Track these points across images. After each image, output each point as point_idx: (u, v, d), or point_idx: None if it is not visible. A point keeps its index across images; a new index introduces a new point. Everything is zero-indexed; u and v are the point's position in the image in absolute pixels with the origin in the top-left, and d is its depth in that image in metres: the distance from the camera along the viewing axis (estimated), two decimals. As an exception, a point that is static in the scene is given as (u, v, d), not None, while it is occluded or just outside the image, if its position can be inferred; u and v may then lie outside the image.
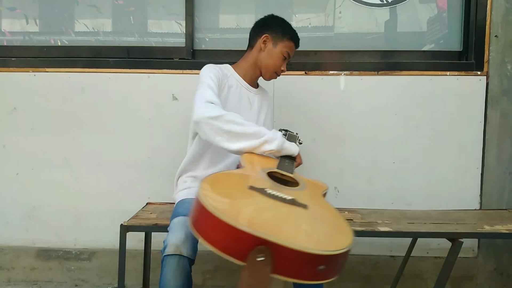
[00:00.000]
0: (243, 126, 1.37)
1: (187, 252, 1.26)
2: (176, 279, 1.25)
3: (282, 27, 1.66)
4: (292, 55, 1.68)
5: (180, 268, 1.26)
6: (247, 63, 1.70)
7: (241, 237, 0.85)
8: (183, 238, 1.28)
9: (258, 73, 1.71)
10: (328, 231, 1.02)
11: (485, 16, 2.11)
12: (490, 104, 2.11)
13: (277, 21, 1.70)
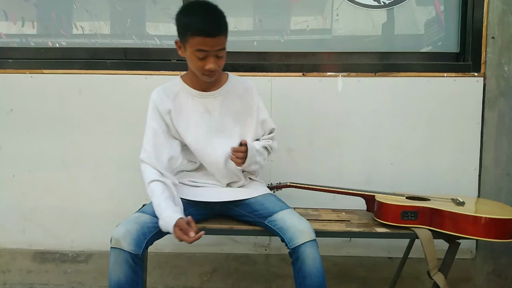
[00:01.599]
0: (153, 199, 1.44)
1: (127, 247, 1.33)
2: (117, 270, 1.34)
3: (183, 25, 1.47)
4: (214, 48, 1.45)
5: (121, 262, 1.34)
6: (189, 71, 1.63)
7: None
8: (123, 232, 1.35)
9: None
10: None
11: (481, 18, 2.11)
12: (487, 105, 2.12)
13: (179, 19, 1.50)
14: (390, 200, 1.60)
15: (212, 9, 1.46)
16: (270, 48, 2.25)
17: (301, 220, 1.44)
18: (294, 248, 1.37)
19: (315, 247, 1.38)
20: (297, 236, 1.38)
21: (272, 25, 2.26)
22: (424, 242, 1.50)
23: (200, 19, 1.41)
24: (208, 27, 1.41)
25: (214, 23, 1.43)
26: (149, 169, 1.48)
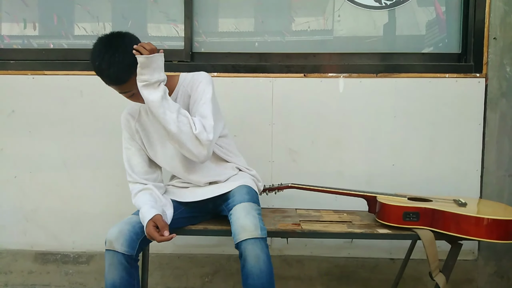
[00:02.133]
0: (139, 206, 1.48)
1: (120, 248, 1.35)
2: (112, 272, 1.36)
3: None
4: (117, 90, 1.45)
5: (115, 263, 1.35)
6: None
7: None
8: (116, 234, 1.37)
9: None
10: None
11: (483, 18, 2.11)
12: (489, 106, 2.11)
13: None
14: (392, 201, 1.60)
15: (105, 56, 1.35)
16: (271, 49, 2.25)
17: (247, 216, 1.36)
18: (236, 244, 1.33)
19: (258, 246, 1.30)
20: (239, 232, 1.33)
21: (273, 26, 2.27)
22: (426, 243, 1.50)
23: (92, 64, 1.39)
24: (100, 75, 1.40)
25: (104, 73, 1.38)
26: (132, 186, 1.56)
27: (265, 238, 1.33)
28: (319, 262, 2.18)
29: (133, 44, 1.37)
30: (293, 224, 1.65)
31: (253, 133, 2.16)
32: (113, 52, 1.34)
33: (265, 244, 1.33)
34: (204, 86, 1.51)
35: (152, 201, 1.46)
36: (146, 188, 1.53)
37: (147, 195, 1.50)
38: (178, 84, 1.57)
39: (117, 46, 1.36)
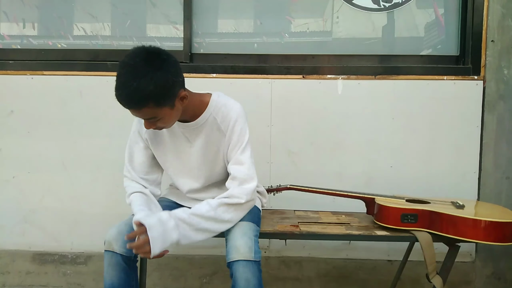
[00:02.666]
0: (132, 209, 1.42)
1: (119, 249, 1.34)
2: (110, 273, 1.35)
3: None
4: (139, 116, 1.30)
5: (114, 264, 1.35)
6: None
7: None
8: (115, 234, 1.36)
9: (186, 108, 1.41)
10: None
11: (481, 21, 2.12)
12: (487, 108, 2.12)
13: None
14: (390, 203, 1.60)
15: (127, 81, 1.19)
16: (270, 51, 2.26)
17: (243, 237, 1.32)
18: (228, 263, 1.30)
19: (250, 269, 1.26)
20: (231, 252, 1.30)
21: (272, 27, 2.27)
22: (424, 245, 1.51)
23: (115, 87, 1.23)
24: (118, 100, 1.24)
25: (124, 98, 1.22)
26: (129, 182, 1.49)
27: (258, 261, 1.30)
28: (317, 263, 2.18)
29: (163, 79, 1.23)
30: (292, 225, 1.65)
31: (251, 134, 2.16)
32: (134, 77, 1.19)
33: (258, 268, 1.29)
34: (241, 125, 1.42)
35: (146, 207, 1.39)
36: (142, 191, 1.46)
37: (142, 199, 1.43)
38: (208, 109, 1.43)
39: (143, 74, 1.20)
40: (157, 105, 1.24)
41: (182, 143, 1.48)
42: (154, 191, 1.52)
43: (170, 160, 1.51)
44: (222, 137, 1.44)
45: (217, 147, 1.46)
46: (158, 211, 1.40)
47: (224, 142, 1.44)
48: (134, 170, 1.49)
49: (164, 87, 1.23)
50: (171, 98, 1.28)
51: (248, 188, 1.37)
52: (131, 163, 1.50)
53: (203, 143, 1.46)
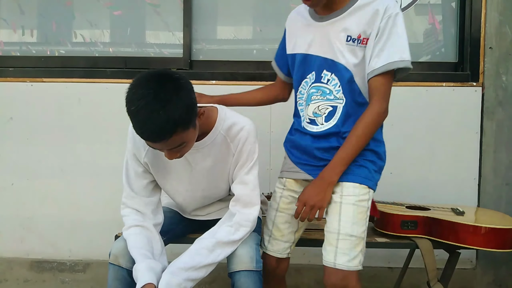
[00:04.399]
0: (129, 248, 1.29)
1: (126, 264, 1.28)
2: (115, 286, 1.29)
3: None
4: (163, 148, 1.18)
5: (120, 278, 1.29)
6: None
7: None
8: (121, 249, 1.29)
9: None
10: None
11: (479, 28, 2.13)
12: (486, 114, 2.13)
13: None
14: (390, 209, 1.60)
15: (152, 111, 1.08)
16: (269, 57, 2.25)
17: (244, 246, 1.29)
18: (229, 273, 1.29)
19: (252, 279, 1.25)
20: (233, 262, 1.28)
21: (272, 34, 2.28)
22: (424, 252, 1.50)
23: (137, 124, 1.11)
24: (145, 136, 1.13)
25: (156, 132, 1.10)
26: (128, 212, 1.35)
27: (259, 271, 1.28)
28: (317, 271, 2.17)
29: (187, 99, 1.15)
30: (291, 232, 1.64)
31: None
32: (159, 105, 1.08)
33: (259, 277, 1.28)
34: (252, 144, 1.34)
35: (148, 251, 1.27)
36: (143, 226, 1.32)
37: (143, 237, 1.29)
38: (216, 127, 1.33)
39: (166, 100, 1.09)
40: (185, 128, 1.14)
41: (182, 167, 1.37)
42: (156, 219, 1.38)
43: (171, 183, 1.41)
44: (230, 156, 1.35)
45: (223, 167, 1.38)
46: (159, 254, 1.32)
47: (231, 161, 1.36)
48: (137, 194, 1.35)
49: (189, 106, 1.15)
50: (195, 117, 1.20)
51: (251, 214, 1.33)
52: (132, 189, 1.36)
53: (209, 164, 1.36)
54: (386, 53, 1.23)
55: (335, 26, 1.29)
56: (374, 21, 1.24)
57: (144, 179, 1.37)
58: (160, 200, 1.44)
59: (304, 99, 1.39)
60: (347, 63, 1.29)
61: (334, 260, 1.27)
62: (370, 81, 1.27)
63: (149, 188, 1.39)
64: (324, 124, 1.35)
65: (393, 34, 1.24)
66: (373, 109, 1.26)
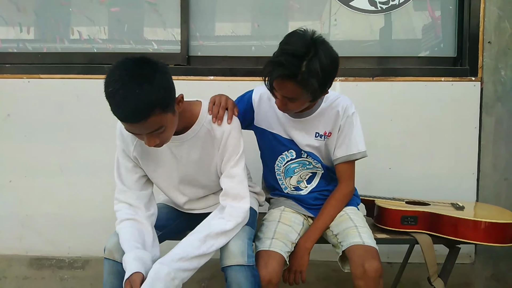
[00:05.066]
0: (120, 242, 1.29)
1: (120, 258, 1.27)
2: (111, 282, 1.30)
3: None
4: (142, 131, 1.19)
5: (115, 273, 1.29)
6: None
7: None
8: (116, 243, 1.30)
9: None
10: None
11: (478, 23, 2.12)
12: (485, 109, 2.12)
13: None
14: (390, 205, 1.60)
15: (128, 91, 1.10)
16: (268, 53, 2.24)
17: (236, 241, 1.29)
18: (222, 268, 1.28)
19: (243, 274, 1.24)
20: (224, 256, 1.28)
21: (270, 31, 2.27)
22: (424, 247, 1.50)
23: (114, 105, 1.13)
24: (123, 115, 1.14)
25: (131, 111, 1.11)
26: (121, 206, 1.37)
27: (251, 265, 1.28)
28: (316, 267, 2.17)
29: (165, 81, 1.18)
30: (291, 228, 1.64)
31: (249, 136, 2.16)
32: (136, 84, 1.10)
33: (251, 272, 1.27)
34: (236, 138, 1.36)
35: (138, 243, 1.26)
36: (134, 219, 1.33)
37: (134, 229, 1.30)
38: (199, 121, 1.36)
39: (143, 79, 1.12)
40: (163, 110, 1.16)
41: (169, 160, 1.39)
42: (148, 211, 1.38)
43: (161, 176, 1.43)
44: (216, 150, 1.38)
45: (210, 160, 1.40)
46: (150, 245, 1.31)
47: (217, 154, 1.38)
48: (129, 189, 1.37)
49: (167, 89, 1.19)
50: (173, 101, 1.23)
51: (242, 208, 1.34)
52: (124, 184, 1.38)
53: (195, 157, 1.38)
54: (345, 146, 1.51)
55: (306, 124, 1.53)
56: (336, 120, 1.50)
57: (135, 173, 1.40)
58: (152, 193, 1.45)
59: (282, 172, 1.61)
60: (314, 151, 1.55)
61: (361, 240, 1.38)
62: (336, 166, 1.55)
63: (141, 182, 1.41)
64: (307, 187, 1.62)
65: (351, 130, 1.51)
66: (342, 190, 1.55)
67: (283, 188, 1.64)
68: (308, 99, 1.38)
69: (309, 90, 1.31)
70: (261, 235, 1.50)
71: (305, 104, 1.42)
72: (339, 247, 1.44)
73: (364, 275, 1.30)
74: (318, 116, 1.52)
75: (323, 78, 1.30)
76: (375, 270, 1.29)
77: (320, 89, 1.33)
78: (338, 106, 1.51)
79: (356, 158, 1.53)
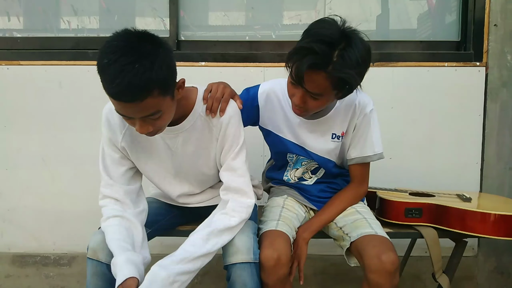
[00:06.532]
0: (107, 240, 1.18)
1: (105, 258, 1.17)
2: (95, 283, 1.19)
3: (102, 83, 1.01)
4: (136, 115, 1.05)
5: (99, 274, 1.19)
6: None
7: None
8: (99, 242, 1.19)
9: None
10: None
11: (483, 5, 2.02)
12: (490, 96, 2.03)
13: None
14: (393, 196, 1.51)
15: (126, 64, 0.96)
16: (262, 37, 2.14)
17: (241, 236, 1.20)
18: (225, 266, 1.21)
19: (248, 272, 1.17)
20: (229, 253, 1.19)
21: (264, 20, 2.16)
22: (430, 242, 1.41)
23: (107, 78, 0.98)
24: (116, 90, 0.98)
25: (127, 86, 0.97)
26: (106, 202, 1.26)
27: (257, 263, 1.19)
28: (314, 261, 2.09)
29: (167, 59, 1.04)
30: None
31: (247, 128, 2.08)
32: (135, 57, 0.97)
33: (256, 270, 1.18)
34: (235, 127, 1.25)
35: (128, 243, 1.15)
36: (122, 217, 1.21)
37: (121, 228, 1.18)
38: (196, 109, 1.24)
39: (144, 54, 0.99)
40: (162, 92, 1.03)
41: (163, 151, 1.28)
42: (137, 207, 1.27)
43: (154, 169, 1.32)
44: (214, 141, 1.27)
45: (207, 152, 1.29)
46: (140, 246, 1.20)
47: (216, 146, 1.27)
48: (115, 182, 1.25)
49: (170, 68, 1.05)
50: (174, 84, 1.10)
51: (246, 202, 1.24)
52: (110, 177, 1.26)
53: (191, 149, 1.28)
54: (361, 146, 1.40)
55: (321, 126, 1.40)
56: (352, 117, 1.38)
57: (122, 166, 1.27)
58: (141, 188, 1.33)
59: (293, 162, 1.51)
60: (330, 156, 1.44)
61: (374, 230, 1.28)
62: (350, 167, 1.45)
63: (128, 176, 1.28)
64: (312, 177, 1.51)
65: (367, 130, 1.39)
66: (355, 190, 1.45)
67: (286, 180, 1.54)
68: (332, 98, 1.24)
69: (338, 84, 1.17)
70: (265, 218, 1.41)
71: (326, 104, 1.27)
72: (346, 239, 1.32)
73: (380, 268, 1.17)
74: (334, 115, 1.39)
75: (356, 70, 1.17)
76: (392, 263, 1.17)
77: (350, 84, 1.19)
78: (354, 102, 1.38)
79: (372, 160, 1.42)
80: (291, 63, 1.19)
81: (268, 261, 1.19)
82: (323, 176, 1.50)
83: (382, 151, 1.42)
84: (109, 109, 1.24)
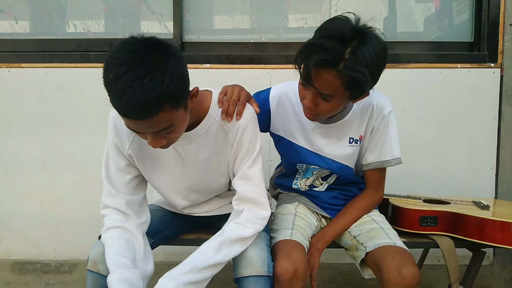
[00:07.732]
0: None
1: (105, 271, 1.10)
2: None
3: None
4: (147, 130, 0.99)
5: (99, 286, 1.13)
6: None
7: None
8: (100, 253, 1.12)
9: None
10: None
11: (498, 4, 1.96)
12: (505, 98, 1.96)
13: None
14: (407, 204, 1.44)
15: (134, 79, 0.89)
16: (268, 39, 2.09)
17: (254, 248, 1.14)
18: (237, 278, 1.14)
19: (262, 285, 1.10)
20: (242, 265, 1.12)
21: (269, 23, 2.11)
22: (446, 252, 1.34)
23: (115, 94, 0.91)
24: (126, 109, 0.92)
25: (137, 104, 0.90)
26: (108, 211, 1.19)
27: (270, 276, 1.13)
28: (322, 269, 2.02)
29: (179, 69, 0.96)
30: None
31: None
32: (145, 71, 0.90)
33: (270, 283, 1.12)
34: (252, 133, 1.18)
35: (126, 257, 1.08)
36: (123, 228, 1.15)
37: (121, 240, 1.12)
38: (210, 113, 1.17)
39: (154, 66, 0.91)
40: (175, 105, 0.96)
41: (173, 160, 1.21)
42: (140, 219, 1.21)
43: (160, 178, 1.25)
44: (229, 147, 1.20)
45: (220, 159, 1.22)
46: (141, 258, 1.14)
47: (230, 152, 1.20)
48: (118, 192, 1.18)
49: (182, 78, 0.97)
50: (187, 94, 1.02)
51: (261, 213, 1.17)
52: (113, 185, 1.19)
53: (204, 156, 1.20)
54: (378, 150, 1.33)
55: (337, 130, 1.33)
56: (370, 120, 1.31)
57: (127, 174, 1.20)
58: (145, 198, 1.26)
59: (303, 171, 1.44)
60: (348, 162, 1.36)
61: (392, 241, 1.22)
62: (365, 172, 1.38)
63: (133, 185, 1.21)
64: (323, 183, 1.43)
65: (386, 133, 1.32)
66: (371, 196, 1.38)
67: (296, 188, 1.47)
68: (345, 100, 1.16)
69: (350, 85, 1.10)
70: (277, 226, 1.34)
71: (339, 107, 1.20)
72: (361, 250, 1.25)
73: (400, 282, 1.09)
74: (351, 118, 1.31)
75: (370, 69, 1.09)
76: (414, 277, 1.09)
77: (363, 84, 1.10)
78: (371, 103, 1.30)
79: (390, 165, 1.35)
80: (299, 60, 1.12)
81: (284, 274, 1.12)
82: (335, 183, 1.42)
83: (400, 155, 1.34)
84: (116, 113, 1.14)
